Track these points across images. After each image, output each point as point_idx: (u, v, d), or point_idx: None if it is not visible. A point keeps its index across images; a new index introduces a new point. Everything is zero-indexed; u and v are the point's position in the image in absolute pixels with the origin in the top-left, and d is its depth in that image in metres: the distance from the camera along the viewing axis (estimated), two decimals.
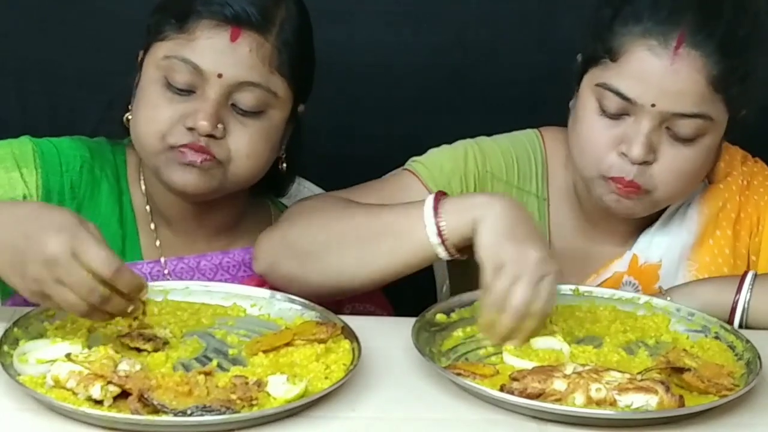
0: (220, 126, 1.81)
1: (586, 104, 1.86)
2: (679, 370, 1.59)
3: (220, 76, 1.80)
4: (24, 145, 1.89)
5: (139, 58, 1.89)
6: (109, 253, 1.52)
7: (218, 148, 1.81)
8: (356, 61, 2.47)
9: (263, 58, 1.81)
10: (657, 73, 1.79)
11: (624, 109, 1.82)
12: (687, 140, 1.83)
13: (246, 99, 1.82)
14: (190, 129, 1.80)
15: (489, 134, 2.18)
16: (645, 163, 1.82)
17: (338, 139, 2.47)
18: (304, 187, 2.15)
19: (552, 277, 1.64)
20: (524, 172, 1.99)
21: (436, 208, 1.70)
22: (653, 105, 1.79)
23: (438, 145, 2.30)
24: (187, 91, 1.81)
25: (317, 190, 2.22)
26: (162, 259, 1.93)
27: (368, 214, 1.78)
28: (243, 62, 1.80)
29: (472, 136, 2.28)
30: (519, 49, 2.54)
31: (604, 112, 1.84)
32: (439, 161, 1.97)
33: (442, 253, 1.70)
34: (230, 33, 1.80)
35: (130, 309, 1.56)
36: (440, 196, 1.72)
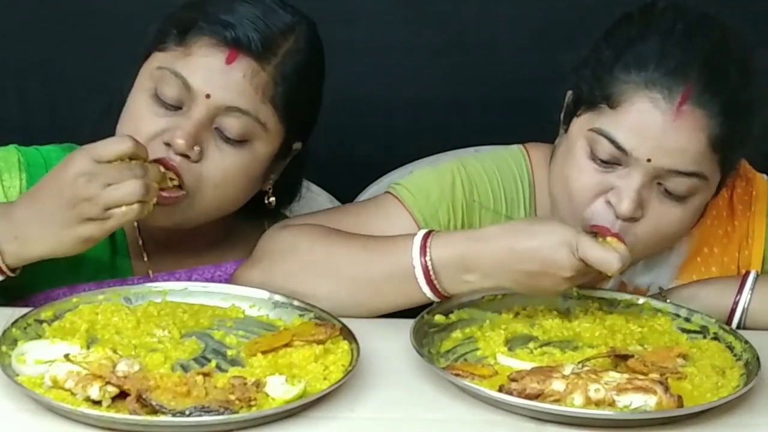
0: (196, 148, 1.74)
1: (576, 146, 1.79)
2: (623, 357, 1.61)
3: (208, 96, 1.74)
4: (10, 154, 1.85)
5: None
6: (112, 138, 1.66)
7: (188, 173, 1.75)
8: (356, 61, 2.47)
9: (257, 86, 1.76)
10: (657, 127, 1.72)
11: (617, 159, 1.75)
12: (678, 198, 1.77)
13: (231, 125, 1.76)
14: (167, 144, 1.74)
15: (488, 134, 2.18)
16: (631, 219, 1.76)
17: (338, 139, 2.47)
18: (304, 188, 2.14)
19: (576, 240, 1.65)
20: (511, 199, 1.92)
21: (427, 274, 1.70)
22: (649, 160, 1.73)
23: (437, 144, 2.31)
24: (174, 107, 1.76)
25: (317, 190, 2.22)
26: (151, 274, 1.88)
27: (357, 255, 1.76)
28: (234, 86, 1.75)
29: (472, 136, 2.29)
30: (519, 49, 2.54)
31: (595, 158, 1.77)
32: (425, 188, 1.88)
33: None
34: (227, 55, 1.75)
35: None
36: (425, 258, 1.71)
